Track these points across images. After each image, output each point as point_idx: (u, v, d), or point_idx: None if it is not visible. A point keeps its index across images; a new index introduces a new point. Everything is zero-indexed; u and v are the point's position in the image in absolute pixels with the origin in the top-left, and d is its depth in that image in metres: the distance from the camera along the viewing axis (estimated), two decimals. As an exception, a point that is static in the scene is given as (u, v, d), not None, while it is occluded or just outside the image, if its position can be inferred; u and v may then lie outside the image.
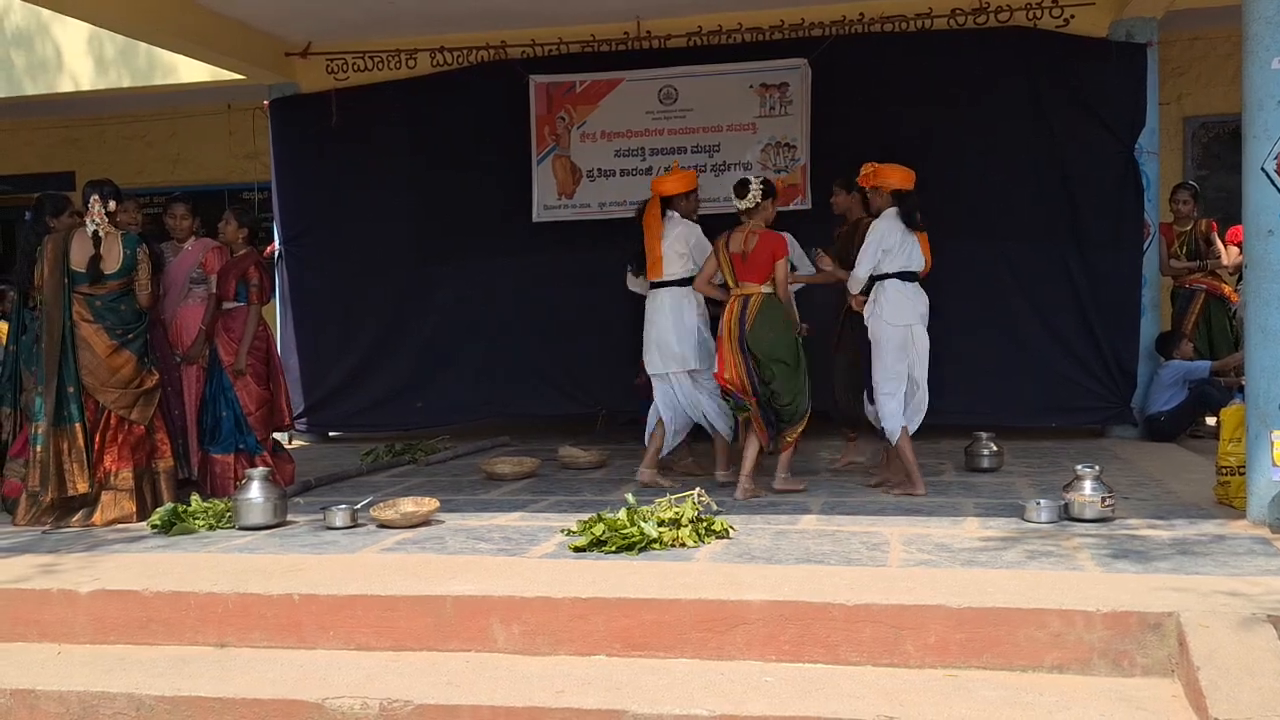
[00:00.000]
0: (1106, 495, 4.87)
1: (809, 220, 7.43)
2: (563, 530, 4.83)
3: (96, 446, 5.59)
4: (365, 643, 3.89)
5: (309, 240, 8.74)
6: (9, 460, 5.97)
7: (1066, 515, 4.87)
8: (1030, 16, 7.66)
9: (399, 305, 8.53)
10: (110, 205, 5.63)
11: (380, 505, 5.24)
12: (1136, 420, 7.57)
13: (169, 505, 5.40)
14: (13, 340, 6.16)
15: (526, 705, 3.34)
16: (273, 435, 6.49)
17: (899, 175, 5.70)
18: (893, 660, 3.54)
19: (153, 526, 5.28)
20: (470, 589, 3.91)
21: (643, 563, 4.25)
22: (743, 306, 5.63)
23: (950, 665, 3.51)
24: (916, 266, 5.68)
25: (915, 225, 5.63)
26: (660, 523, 4.61)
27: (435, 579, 4.07)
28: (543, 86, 8.26)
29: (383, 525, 5.14)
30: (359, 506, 5.31)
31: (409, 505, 5.23)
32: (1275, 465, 4.55)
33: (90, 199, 5.59)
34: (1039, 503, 4.92)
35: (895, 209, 5.66)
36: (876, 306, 5.67)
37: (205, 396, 6.29)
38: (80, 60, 9.53)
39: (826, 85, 7.82)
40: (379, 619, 3.89)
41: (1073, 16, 7.60)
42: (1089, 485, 4.88)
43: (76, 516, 5.54)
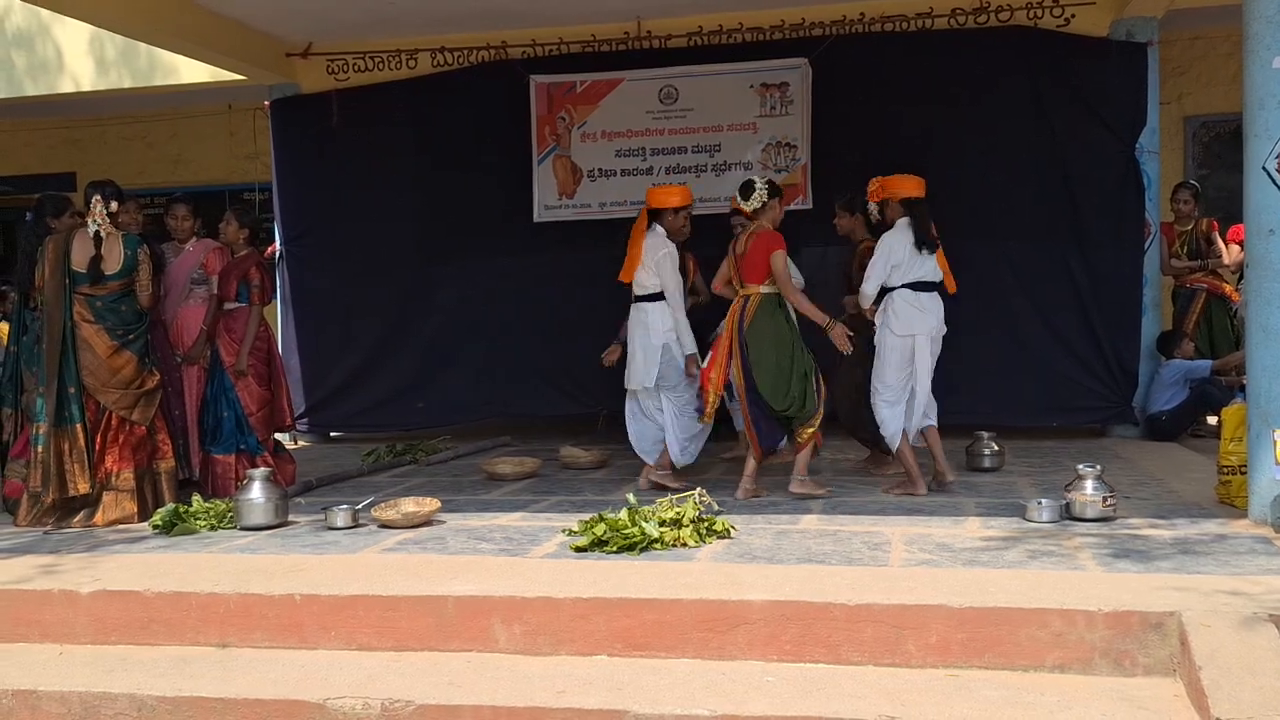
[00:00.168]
0: (1108, 495, 4.87)
1: (810, 220, 7.44)
2: (564, 530, 4.83)
3: (98, 447, 5.59)
4: (367, 643, 3.89)
5: (310, 241, 8.75)
6: (10, 461, 5.97)
7: (1068, 515, 4.87)
8: (1031, 16, 7.66)
9: (401, 305, 8.54)
10: (112, 206, 5.63)
11: (381, 505, 5.25)
12: (1138, 420, 7.58)
13: (170, 506, 5.40)
14: (14, 341, 6.16)
15: (528, 705, 3.34)
16: (274, 435, 6.49)
17: (910, 185, 5.68)
18: (894, 660, 3.54)
19: (154, 527, 5.28)
20: (472, 589, 3.91)
21: (644, 563, 4.25)
22: (743, 307, 5.64)
23: (952, 665, 3.51)
24: (931, 277, 5.64)
25: (927, 246, 5.57)
26: (661, 523, 4.61)
27: (437, 579, 4.07)
28: (543, 86, 8.26)
29: (384, 525, 5.14)
30: (360, 507, 5.32)
31: (410, 505, 5.23)
32: (1277, 464, 4.55)
33: (92, 199, 5.59)
34: (1040, 502, 4.92)
35: (906, 220, 5.63)
36: (885, 316, 5.67)
37: (206, 397, 6.29)
38: (81, 61, 9.53)
39: (827, 85, 7.83)
40: (380, 619, 3.89)
41: (1073, 16, 7.60)
42: (1090, 485, 4.88)
43: (78, 517, 5.55)
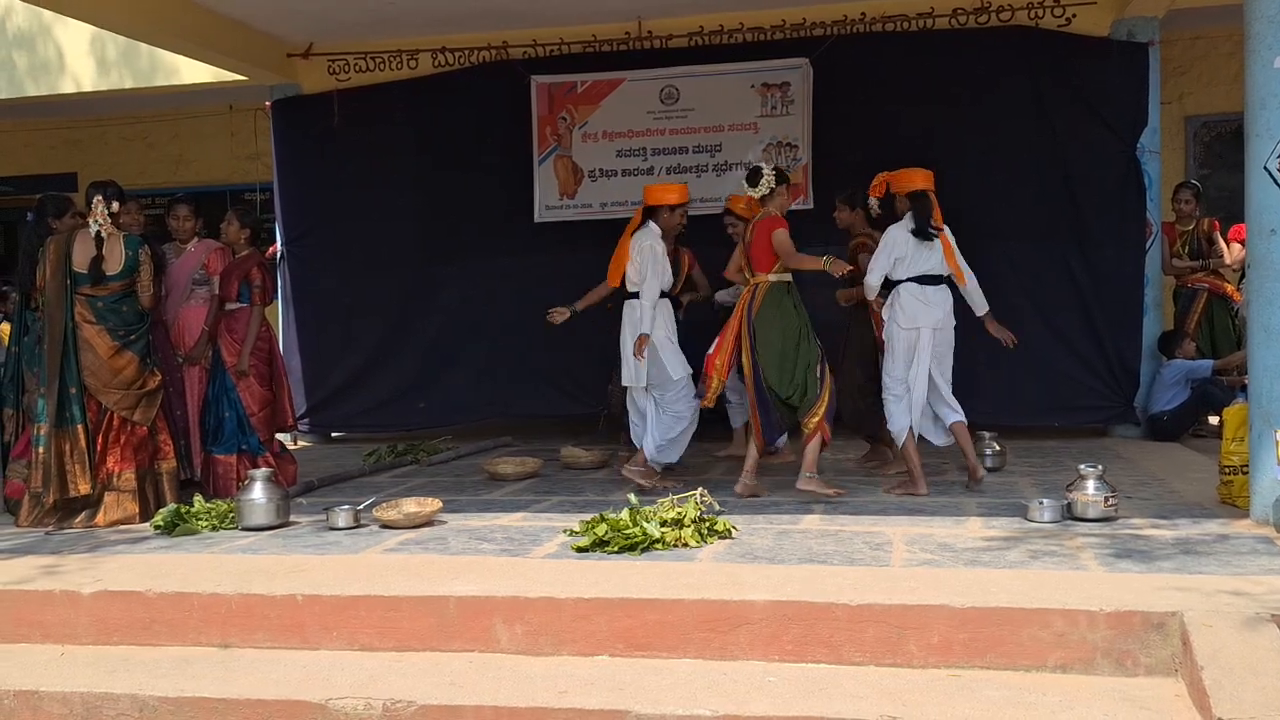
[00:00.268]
0: (1109, 495, 4.86)
1: (811, 220, 7.42)
2: (565, 530, 4.83)
3: (99, 447, 5.60)
4: (368, 643, 3.89)
5: (311, 241, 8.75)
6: (11, 461, 5.97)
7: (1069, 515, 4.87)
8: (1032, 16, 7.66)
9: (402, 305, 8.54)
10: (113, 206, 5.63)
11: (383, 506, 5.25)
12: (1139, 419, 7.57)
13: (172, 506, 5.40)
14: (15, 341, 6.16)
15: (530, 705, 3.34)
16: (276, 436, 6.50)
17: (917, 177, 5.68)
18: (896, 660, 3.54)
19: (155, 527, 5.28)
20: (473, 589, 3.91)
21: (645, 563, 4.25)
22: (751, 296, 5.64)
23: (953, 665, 3.51)
24: (938, 270, 5.64)
25: (924, 235, 5.59)
26: (663, 523, 4.61)
27: (438, 579, 4.07)
28: (544, 87, 8.26)
29: (385, 526, 5.14)
30: (362, 507, 5.32)
31: (412, 506, 5.23)
32: (1278, 464, 4.54)
33: (93, 200, 5.59)
34: (1042, 502, 4.92)
35: (910, 214, 5.64)
36: (891, 310, 5.69)
37: (208, 397, 6.29)
38: (82, 61, 9.54)
39: (828, 85, 7.83)
40: (382, 619, 3.89)
41: (1074, 16, 7.60)
42: (1092, 485, 4.87)
43: (79, 518, 5.55)
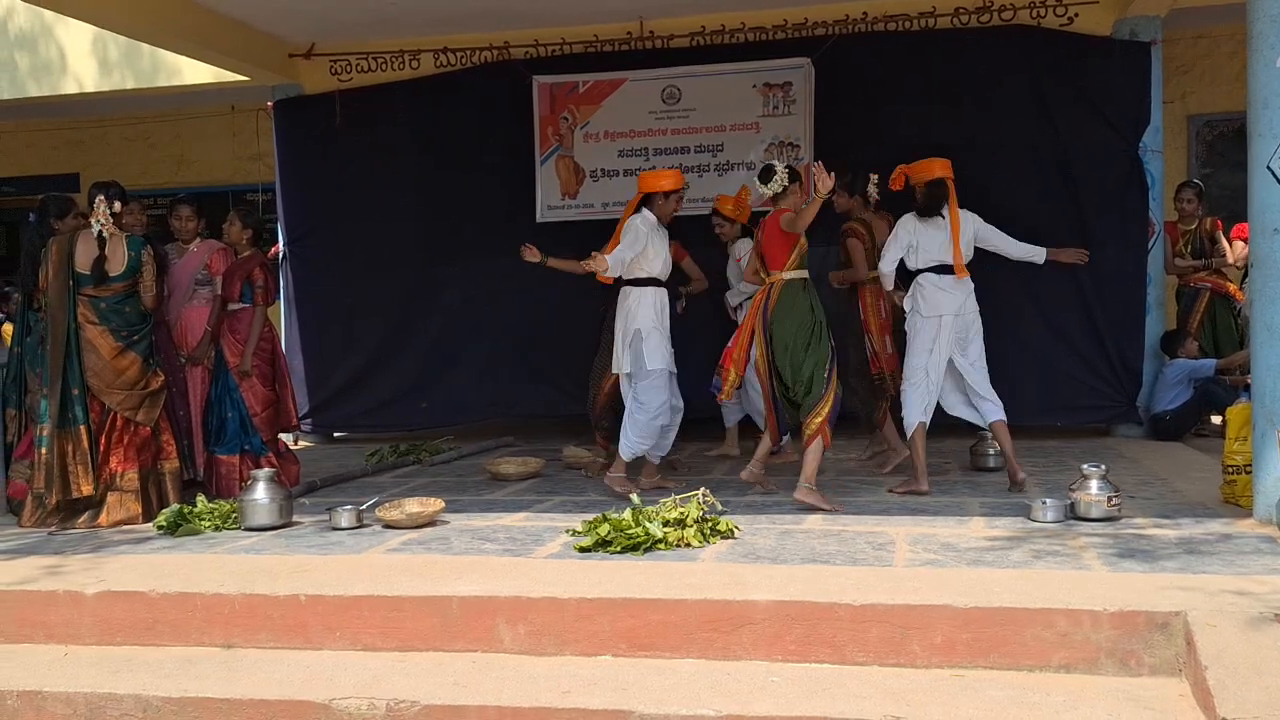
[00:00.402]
0: (1112, 494, 4.86)
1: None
2: (568, 530, 4.83)
3: (102, 448, 5.60)
4: (371, 643, 3.89)
5: (313, 241, 8.75)
6: (14, 462, 5.97)
7: (1072, 515, 4.87)
8: (1034, 15, 7.65)
9: (404, 305, 8.54)
10: (115, 206, 5.63)
11: (385, 506, 5.25)
12: (1142, 419, 7.56)
13: (175, 506, 5.40)
14: (17, 342, 6.16)
15: (533, 705, 3.34)
16: (278, 436, 6.50)
17: (935, 166, 5.69)
18: (899, 660, 3.54)
19: (158, 528, 5.29)
20: (476, 589, 3.91)
21: (648, 563, 4.25)
22: (767, 294, 5.55)
23: (957, 665, 3.50)
24: (950, 259, 5.65)
25: (924, 212, 5.61)
26: (665, 523, 4.61)
27: (441, 579, 4.07)
28: (546, 87, 8.26)
29: (388, 526, 5.14)
30: (364, 507, 5.32)
31: (414, 506, 5.23)
32: (1282, 464, 4.54)
33: (95, 200, 5.60)
34: (1045, 502, 4.91)
35: (922, 199, 5.66)
36: (914, 300, 5.70)
37: (211, 397, 6.29)
38: (84, 62, 9.55)
39: (830, 84, 7.81)
40: (385, 619, 3.89)
41: (1076, 15, 7.59)
42: (1095, 484, 4.87)
43: (82, 518, 5.55)
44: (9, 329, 6.90)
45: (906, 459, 6.23)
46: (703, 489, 5.01)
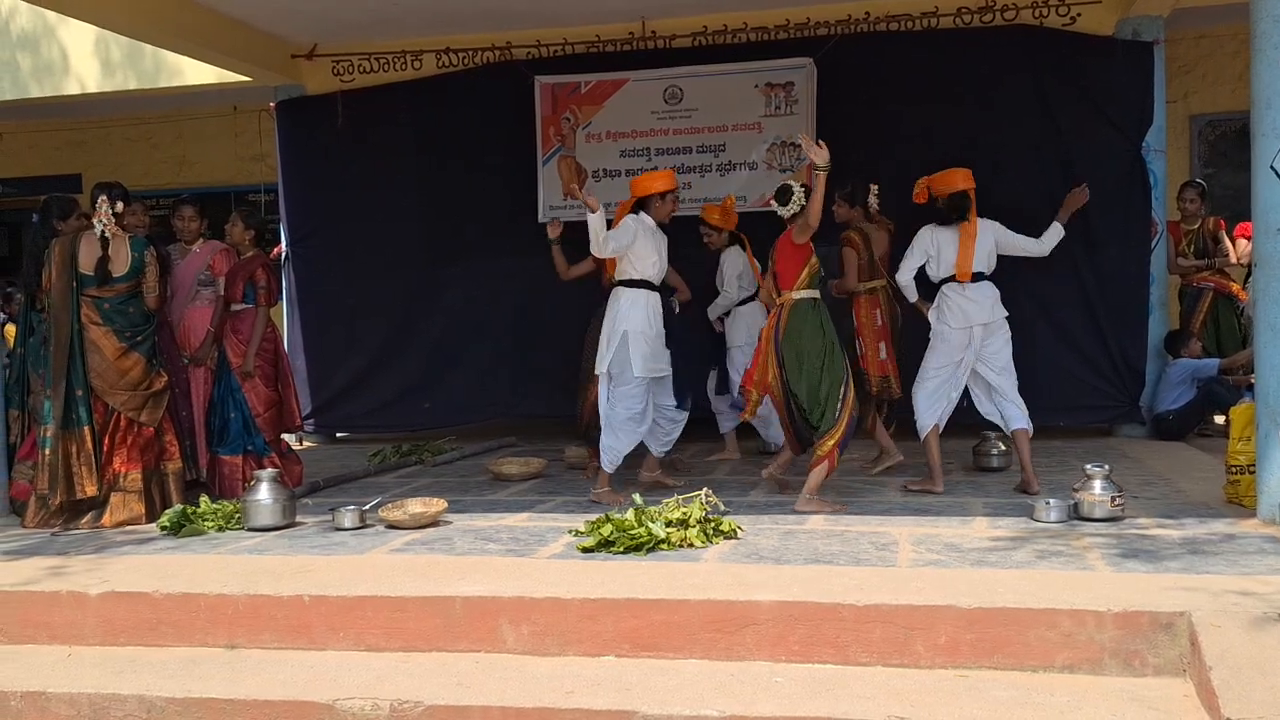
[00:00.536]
0: (1116, 494, 4.86)
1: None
2: (571, 531, 4.83)
3: (105, 448, 5.60)
4: (375, 644, 3.89)
5: (316, 241, 8.76)
6: (17, 463, 5.97)
7: (1076, 515, 4.86)
8: (1036, 15, 7.65)
9: (406, 306, 8.55)
10: (118, 207, 5.63)
11: (388, 506, 5.25)
12: (1145, 419, 7.56)
13: (178, 507, 5.40)
14: (20, 343, 6.16)
15: (536, 706, 3.34)
16: (281, 436, 6.50)
17: (956, 178, 5.68)
18: (903, 661, 3.54)
19: (162, 528, 5.29)
20: (479, 590, 3.91)
21: (651, 563, 4.25)
22: (779, 315, 5.50)
23: (961, 665, 3.50)
24: (979, 267, 5.65)
25: (948, 222, 5.64)
26: (668, 523, 4.61)
27: (444, 580, 4.07)
28: (548, 87, 8.27)
29: (391, 526, 5.14)
30: (367, 508, 5.32)
31: (417, 506, 5.23)
32: (1285, 464, 4.54)
33: (98, 201, 5.60)
34: (1048, 502, 4.91)
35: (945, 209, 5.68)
36: (939, 311, 5.71)
37: (214, 398, 6.30)
38: (86, 63, 9.55)
39: (832, 84, 7.82)
40: (388, 620, 3.90)
41: (1079, 14, 7.59)
42: (1098, 484, 4.86)
43: (85, 518, 5.55)
44: (11, 330, 6.89)
45: (899, 464, 6.29)
46: (705, 489, 5.01)
